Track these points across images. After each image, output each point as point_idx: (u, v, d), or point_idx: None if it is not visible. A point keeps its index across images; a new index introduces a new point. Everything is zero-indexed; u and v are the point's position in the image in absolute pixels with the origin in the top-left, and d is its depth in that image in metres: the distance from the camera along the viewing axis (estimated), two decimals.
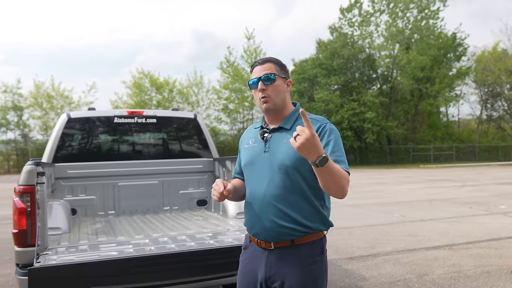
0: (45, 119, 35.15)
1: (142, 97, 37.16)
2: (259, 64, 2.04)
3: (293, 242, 1.93)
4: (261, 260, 2.00)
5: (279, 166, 1.94)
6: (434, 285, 4.66)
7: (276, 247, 1.95)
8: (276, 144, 1.99)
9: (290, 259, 1.94)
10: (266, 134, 2.04)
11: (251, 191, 2.04)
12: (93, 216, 4.62)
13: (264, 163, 1.99)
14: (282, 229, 1.92)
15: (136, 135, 5.09)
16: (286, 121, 2.03)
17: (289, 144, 1.87)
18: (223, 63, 36.91)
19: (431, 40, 37.47)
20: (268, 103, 2.00)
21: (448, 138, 41.38)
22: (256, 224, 1.99)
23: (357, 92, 35.94)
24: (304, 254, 1.94)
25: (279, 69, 2.04)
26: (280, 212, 1.92)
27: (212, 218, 4.28)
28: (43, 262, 2.62)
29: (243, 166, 2.12)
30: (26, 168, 2.90)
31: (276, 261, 1.96)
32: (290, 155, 1.92)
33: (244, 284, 2.07)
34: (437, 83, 37.07)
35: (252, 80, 2.04)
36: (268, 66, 2.02)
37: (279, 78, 2.02)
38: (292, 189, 1.93)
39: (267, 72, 2.00)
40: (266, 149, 2.01)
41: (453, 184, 16.96)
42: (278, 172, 1.94)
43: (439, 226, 8.06)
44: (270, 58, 2.07)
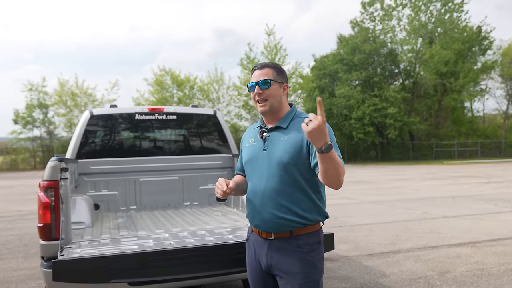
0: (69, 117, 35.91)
1: (164, 94, 37.54)
2: (258, 69, 2.20)
3: (292, 233, 2.10)
4: (263, 249, 2.17)
5: (277, 162, 2.10)
6: (456, 282, 4.59)
7: (276, 237, 2.12)
8: (274, 142, 2.15)
9: (290, 249, 2.10)
10: (265, 133, 2.21)
11: (252, 186, 2.21)
12: (115, 211, 4.71)
13: (263, 160, 2.16)
14: (281, 221, 2.09)
15: (156, 131, 5.16)
16: (282, 121, 2.19)
17: (286, 141, 2.12)
18: (243, 59, 36.95)
19: (455, 34, 36.67)
20: (264, 106, 2.16)
21: (473, 134, 40.50)
22: (256, 216, 2.16)
23: (378, 88, 35.48)
24: (302, 243, 2.10)
25: (276, 74, 2.19)
26: (279, 205, 2.09)
27: (231, 214, 4.32)
28: (66, 255, 2.69)
29: (244, 163, 2.29)
30: (50, 164, 2.98)
31: (276, 250, 2.12)
32: (287, 151, 2.09)
33: (252, 271, 2.28)
34: (461, 78, 36.29)
35: (250, 83, 2.20)
36: (266, 71, 2.18)
37: (275, 83, 2.17)
38: (290, 183, 2.09)
39: (264, 77, 2.16)
40: (265, 147, 2.18)
41: (478, 180, 16.62)
42: (277, 168, 2.10)
43: (462, 223, 7.93)
44: (269, 64, 2.22)
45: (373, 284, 4.60)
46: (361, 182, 17.00)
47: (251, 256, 2.29)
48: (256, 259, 2.24)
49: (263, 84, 2.15)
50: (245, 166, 2.29)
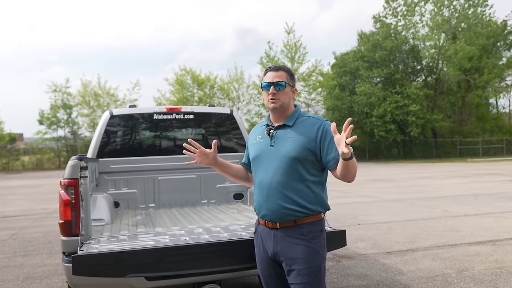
0: (92, 117, 36.65)
1: (184, 93, 37.90)
2: (273, 71, 2.39)
3: (296, 222, 2.29)
4: (269, 238, 2.36)
5: (284, 157, 2.30)
6: (473, 280, 4.55)
7: (281, 226, 2.31)
8: (281, 139, 2.35)
9: (294, 236, 2.29)
10: (272, 131, 2.40)
11: (259, 179, 2.40)
12: (135, 208, 4.83)
13: (270, 155, 2.35)
14: (286, 211, 2.28)
15: (174, 130, 5.26)
16: (288, 119, 2.40)
17: (293, 138, 2.32)
18: (263, 58, 36.98)
19: (479, 29, 35.91)
20: (276, 104, 2.36)
21: (498, 131, 39.58)
22: (263, 206, 2.34)
23: (400, 85, 35.03)
24: (306, 231, 2.30)
25: (289, 78, 2.41)
26: (284, 196, 2.28)
27: (247, 211, 4.38)
28: (86, 250, 2.80)
29: (252, 159, 2.47)
30: (70, 163, 3.09)
31: (281, 238, 2.31)
32: (294, 147, 2.30)
33: (259, 260, 2.47)
34: (486, 74, 35.52)
35: (265, 83, 2.39)
36: (281, 74, 2.38)
37: (288, 86, 2.39)
38: (295, 176, 2.29)
39: (279, 79, 2.36)
40: (272, 143, 2.37)
41: (502, 178, 16.27)
42: (283, 162, 2.29)
43: (483, 221, 7.81)
44: (283, 67, 2.42)
45: (390, 281, 4.60)
46: (382, 180, 16.86)
47: (259, 247, 2.47)
48: (263, 249, 2.42)
49: (278, 86, 2.35)
50: (252, 162, 2.48)
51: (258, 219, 2.46)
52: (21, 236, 7.58)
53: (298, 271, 2.26)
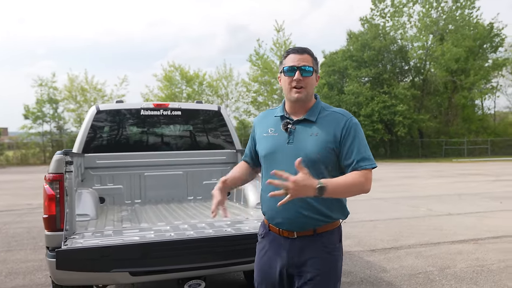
0: (79, 112, 36.26)
1: (173, 90, 37.72)
2: (297, 53, 2.03)
3: (315, 230, 2.02)
4: (283, 249, 2.05)
5: (305, 158, 1.92)
6: (455, 278, 4.63)
7: (299, 236, 2.02)
8: (302, 137, 2.01)
9: (314, 247, 2.02)
10: (290, 126, 2.05)
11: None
12: (120, 204, 4.81)
13: (287, 154, 2.00)
14: (306, 220, 2.00)
15: (161, 127, 5.25)
16: (310, 113, 2.05)
17: (317, 137, 1.99)
18: (252, 55, 36.95)
19: (466, 31, 36.33)
20: (301, 93, 2.02)
21: (483, 132, 40.12)
22: (279, 214, 2.02)
23: (388, 85, 35.31)
24: (327, 241, 2.03)
25: (315, 63, 2.07)
26: (305, 204, 1.97)
27: (233, 208, 4.40)
28: (70, 245, 2.79)
29: (263, 155, 2.12)
30: (55, 157, 3.08)
31: (299, 249, 2.02)
32: (318, 148, 1.98)
33: (263, 271, 2.13)
34: (472, 75, 35.95)
35: (288, 66, 2.02)
36: (307, 58, 2.03)
37: (314, 72, 2.05)
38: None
39: (306, 63, 2.01)
40: (290, 141, 2.02)
41: (486, 178, 16.53)
42: (304, 164, 1.88)
43: (466, 220, 7.94)
44: (308, 50, 2.07)
45: (373, 279, 4.66)
46: None
47: (263, 255, 2.14)
48: (271, 260, 2.09)
49: (305, 71, 2.01)
50: (264, 159, 2.13)
51: (268, 225, 2.13)
52: (5, 232, 7.50)
53: (314, 286, 2.00)
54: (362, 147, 2.00)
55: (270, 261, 2.11)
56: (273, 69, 36.02)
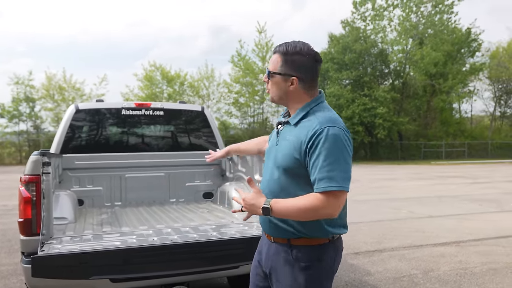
0: (56, 111, 35.48)
1: (153, 90, 37.29)
2: (273, 53, 1.95)
3: (289, 241, 1.86)
4: (265, 250, 2.00)
5: (276, 163, 1.87)
6: (439, 281, 4.63)
7: (275, 241, 1.92)
8: (283, 140, 1.89)
9: (285, 257, 1.87)
10: (279, 126, 1.96)
11: (261, 182, 2.02)
12: (100, 207, 4.66)
13: (272, 156, 1.93)
14: (276, 227, 1.88)
15: (143, 127, 5.11)
16: (294, 116, 1.90)
17: (290, 142, 1.82)
18: (234, 56, 36.85)
19: (445, 35, 36.97)
20: (270, 95, 1.97)
21: (461, 135, 40.90)
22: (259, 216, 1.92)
23: (368, 87, 35.64)
24: (300, 256, 1.84)
25: (282, 64, 1.87)
26: None
27: (217, 211, 4.30)
28: (47, 250, 2.65)
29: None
30: (31, 158, 2.93)
31: (272, 254, 1.93)
32: (286, 154, 1.82)
33: (253, 268, 2.10)
34: (450, 79, 36.59)
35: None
36: (274, 59, 1.92)
37: (276, 76, 1.89)
38: (286, 189, 1.83)
39: (269, 66, 1.94)
40: (278, 143, 1.93)
41: (464, 181, 16.79)
42: (276, 170, 1.86)
43: (447, 222, 8.00)
44: (280, 49, 1.90)
45: (358, 282, 4.62)
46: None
47: (256, 252, 2.11)
48: (258, 258, 2.07)
49: (268, 74, 1.94)
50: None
51: None
52: None
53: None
54: (327, 164, 1.68)
55: (257, 262, 2.07)
56: (254, 70, 35.97)
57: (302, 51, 1.89)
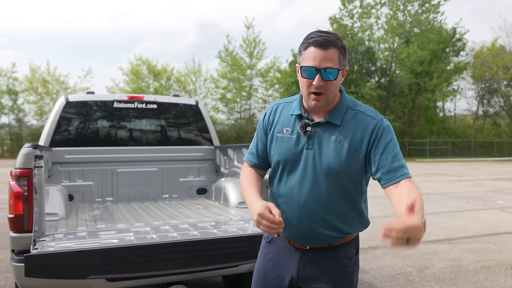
0: (40, 104, 34.83)
1: (139, 84, 36.87)
2: (321, 48, 1.63)
3: (331, 244, 1.78)
4: (292, 259, 1.81)
5: (326, 169, 1.69)
6: (434, 279, 4.61)
7: (312, 248, 1.78)
8: (323, 143, 1.71)
9: (327, 260, 1.78)
10: (310, 128, 1.72)
11: (286, 191, 1.77)
12: (91, 202, 4.52)
13: (306, 162, 1.72)
14: (321, 237, 1.75)
15: (135, 120, 4.98)
16: (334, 114, 1.72)
17: (341, 144, 1.68)
18: (221, 52, 36.62)
19: (431, 34, 37.33)
20: (320, 101, 1.68)
21: (444, 133, 41.42)
22: (292, 227, 1.75)
23: (355, 85, 35.82)
24: (342, 255, 1.79)
25: (342, 58, 1.68)
26: (323, 221, 1.72)
27: (213, 207, 4.20)
28: (40, 248, 2.52)
29: (277, 160, 1.80)
30: (23, 151, 2.79)
31: (311, 261, 1.78)
32: (342, 157, 1.68)
33: (266, 280, 1.86)
34: (435, 78, 36.99)
35: (307, 67, 1.64)
36: (331, 55, 1.63)
37: (339, 73, 1.68)
38: (340, 196, 1.71)
39: (329, 65, 1.63)
40: (310, 146, 1.72)
41: (450, 178, 16.96)
42: (325, 176, 1.69)
43: (437, 220, 8.03)
44: (334, 41, 1.65)
45: None
46: None
47: (267, 262, 1.87)
48: (275, 268, 1.84)
49: (327, 75, 1.64)
50: (277, 164, 1.80)
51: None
52: None
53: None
54: (397, 153, 1.67)
55: (276, 268, 1.84)
56: (242, 66, 35.80)
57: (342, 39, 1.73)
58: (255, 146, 1.92)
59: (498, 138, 42.67)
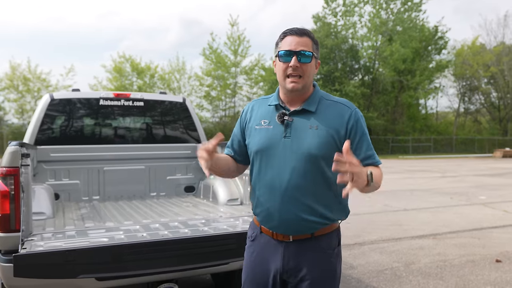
0: (21, 102, 34.19)
1: (123, 82, 36.49)
2: (296, 35, 1.79)
3: (313, 234, 1.83)
4: (276, 253, 1.87)
5: (304, 154, 1.77)
6: (421, 273, 4.67)
7: (295, 239, 1.84)
8: (300, 130, 1.81)
9: (311, 251, 1.84)
10: (287, 117, 1.83)
11: (267, 180, 1.84)
12: (77, 201, 4.46)
13: (284, 150, 1.80)
14: (304, 223, 1.80)
15: (122, 118, 4.92)
16: (309, 103, 1.84)
17: (317, 130, 1.78)
18: (206, 49, 36.47)
19: (413, 33, 37.77)
20: (298, 83, 1.79)
21: (427, 130, 42.03)
22: (275, 216, 1.82)
23: (339, 83, 36.05)
24: (325, 245, 1.85)
25: (315, 48, 1.84)
26: (304, 206, 1.79)
27: (202, 205, 4.18)
28: (29, 248, 2.48)
29: (256, 151, 1.88)
30: (10, 149, 2.73)
31: (295, 253, 1.84)
32: (319, 142, 1.77)
33: (254, 277, 1.93)
34: (417, 76, 37.46)
35: (284, 51, 1.78)
36: (306, 42, 1.79)
37: (313, 58, 1.82)
38: (318, 180, 1.79)
39: (305, 48, 1.78)
40: (287, 134, 1.81)
41: (433, 175, 17.21)
42: (303, 161, 1.77)
43: (422, 215, 8.14)
44: (308, 32, 1.83)
45: (342, 276, 4.58)
46: None
47: (254, 259, 1.94)
48: (262, 263, 1.91)
49: (305, 57, 1.77)
50: (256, 155, 1.88)
51: (260, 227, 1.93)
52: None
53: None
54: (370, 142, 1.86)
55: (262, 264, 1.91)
56: (226, 64, 35.71)
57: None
58: (231, 141, 2.07)
59: (479, 135, 43.50)
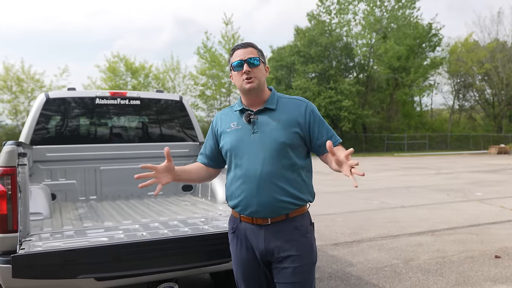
0: (14, 103, 33.98)
1: (117, 81, 36.35)
2: (242, 48, 2.15)
3: (288, 215, 2.10)
4: (258, 236, 2.12)
5: (272, 144, 2.08)
6: (421, 270, 4.67)
7: (273, 222, 2.09)
8: (265, 124, 2.12)
9: (288, 230, 2.10)
10: (252, 116, 2.14)
11: (242, 172, 2.11)
12: (74, 201, 4.42)
13: (254, 144, 2.10)
14: (280, 204, 2.07)
15: (118, 117, 4.88)
16: (269, 102, 2.17)
17: (280, 123, 2.11)
18: (200, 48, 36.41)
19: (408, 30, 37.87)
20: (253, 83, 2.10)
21: (422, 127, 42.17)
22: (253, 202, 2.08)
23: (334, 80, 36.08)
24: (299, 225, 2.12)
25: (260, 54, 2.19)
26: (278, 188, 2.07)
27: (200, 204, 4.15)
28: (27, 248, 2.44)
29: (229, 149, 2.18)
30: (6, 148, 2.69)
31: (273, 234, 2.10)
32: (283, 133, 2.10)
33: (242, 265, 2.20)
34: (412, 73, 37.59)
35: (236, 62, 2.12)
36: (251, 51, 2.14)
37: (261, 63, 2.16)
38: (286, 165, 2.09)
39: (251, 55, 2.12)
40: (255, 130, 2.12)
41: (428, 172, 17.26)
42: (272, 150, 2.08)
43: (419, 212, 8.15)
44: (251, 43, 2.19)
45: (341, 273, 4.59)
46: (318, 173, 17.15)
47: (240, 248, 2.20)
48: (249, 250, 2.17)
49: (252, 62, 2.12)
50: (230, 153, 2.19)
51: (240, 217, 2.18)
52: None
53: (293, 270, 2.07)
54: (328, 126, 2.21)
55: (246, 253, 2.17)
56: (221, 62, 35.66)
57: None
58: (203, 148, 2.39)
59: (473, 132, 43.68)
